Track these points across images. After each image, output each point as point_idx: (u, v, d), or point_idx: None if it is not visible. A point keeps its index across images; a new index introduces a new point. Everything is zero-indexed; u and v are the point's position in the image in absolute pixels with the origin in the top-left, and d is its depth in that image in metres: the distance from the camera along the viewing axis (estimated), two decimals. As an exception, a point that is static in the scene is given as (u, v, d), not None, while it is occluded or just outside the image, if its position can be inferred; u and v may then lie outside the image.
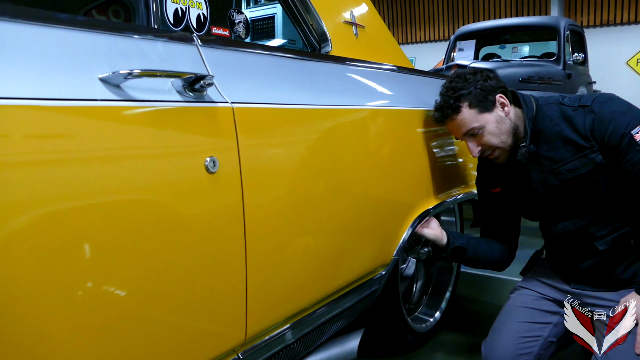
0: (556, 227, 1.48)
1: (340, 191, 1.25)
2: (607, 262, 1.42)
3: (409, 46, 11.00)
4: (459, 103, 1.41)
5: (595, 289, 1.46)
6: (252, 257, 0.97)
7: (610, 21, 9.07)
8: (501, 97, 1.43)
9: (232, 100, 0.95)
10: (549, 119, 1.41)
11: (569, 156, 1.38)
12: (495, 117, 1.41)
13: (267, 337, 1.09)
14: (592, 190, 1.38)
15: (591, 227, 1.42)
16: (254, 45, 1.17)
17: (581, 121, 1.35)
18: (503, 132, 1.42)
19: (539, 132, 1.42)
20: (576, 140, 1.36)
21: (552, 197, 1.44)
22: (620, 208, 1.39)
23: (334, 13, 1.55)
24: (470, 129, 1.41)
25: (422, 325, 1.88)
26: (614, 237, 1.39)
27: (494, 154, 1.45)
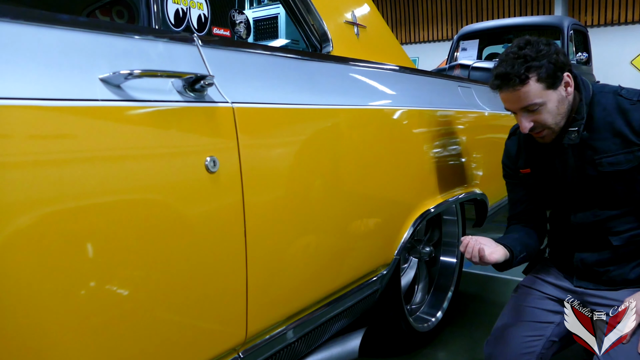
0: (575, 216, 1.44)
1: (341, 191, 1.25)
2: (616, 259, 1.41)
3: (412, 46, 10.99)
4: (528, 74, 1.27)
5: (598, 288, 1.45)
6: (253, 256, 0.98)
7: (614, 21, 9.04)
8: (568, 76, 1.34)
9: (233, 100, 0.96)
10: (602, 107, 1.36)
11: (614, 149, 1.33)
12: (558, 96, 1.32)
13: (268, 336, 1.09)
14: (627, 187, 1.35)
15: (611, 222, 1.39)
16: (254, 45, 1.18)
17: (637, 116, 1.31)
18: (560, 113, 1.34)
19: (590, 119, 1.36)
20: (626, 134, 1.32)
21: (585, 187, 1.40)
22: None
23: (335, 13, 1.55)
24: (532, 104, 1.30)
25: (424, 325, 1.88)
26: (630, 235, 1.38)
27: (542, 133, 1.36)
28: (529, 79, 1.28)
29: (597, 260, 1.43)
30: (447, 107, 1.82)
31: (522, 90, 1.29)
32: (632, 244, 1.38)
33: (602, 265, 1.43)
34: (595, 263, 1.43)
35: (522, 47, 1.30)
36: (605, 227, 1.40)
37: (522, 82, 1.28)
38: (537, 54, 1.28)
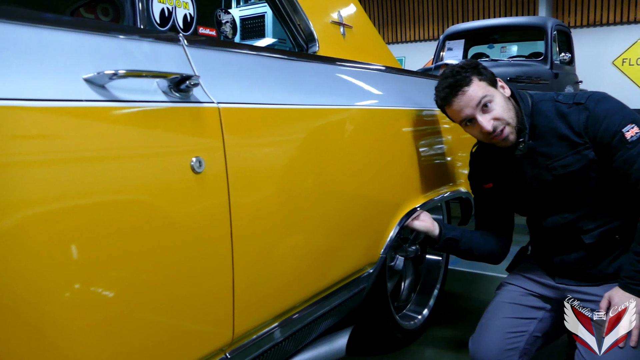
0: (546, 221, 1.50)
1: (327, 190, 1.26)
2: (592, 256, 1.45)
3: (398, 45, 11.04)
4: (470, 76, 1.40)
5: (579, 284, 1.49)
6: (239, 256, 0.98)
7: (597, 22, 9.17)
8: (501, 82, 1.45)
9: (219, 101, 0.96)
10: (544, 115, 1.43)
11: (563, 152, 1.40)
12: (501, 94, 1.42)
13: (255, 336, 1.10)
14: (583, 186, 1.40)
15: (580, 222, 1.44)
16: (240, 45, 1.18)
17: (575, 118, 1.37)
18: (510, 109, 1.41)
19: (535, 128, 1.44)
20: (570, 136, 1.38)
21: (545, 192, 1.46)
22: (609, 204, 1.42)
23: (321, 13, 1.55)
24: (483, 96, 1.38)
25: (410, 323, 1.90)
26: (601, 232, 1.42)
27: (504, 132, 1.41)
28: (472, 79, 1.39)
29: (575, 260, 1.47)
30: (432, 106, 1.83)
31: (470, 90, 1.39)
32: (604, 239, 1.42)
33: (581, 263, 1.47)
34: (574, 262, 1.47)
35: (455, 66, 1.44)
36: (575, 227, 1.45)
37: (467, 83, 1.39)
38: (467, 65, 1.42)
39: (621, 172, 1.33)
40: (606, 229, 1.42)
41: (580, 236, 1.44)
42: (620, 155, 1.32)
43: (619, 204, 1.41)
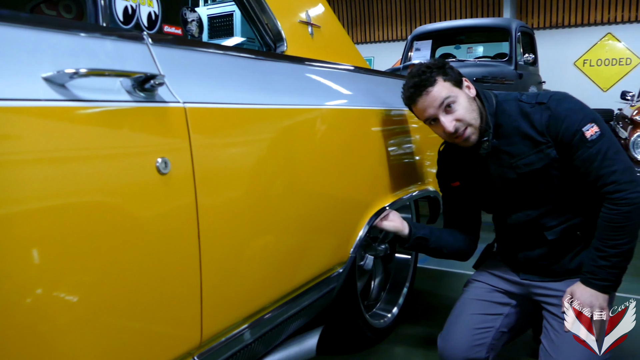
0: (510, 218, 1.53)
1: (296, 191, 1.25)
2: (555, 252, 1.49)
3: (367, 45, 11.11)
4: (435, 76, 1.42)
5: (542, 279, 1.53)
6: (207, 258, 0.96)
7: (559, 23, 9.44)
8: (466, 81, 1.47)
9: (185, 100, 0.94)
10: (507, 114, 1.46)
11: (526, 151, 1.43)
12: (465, 95, 1.44)
13: (224, 338, 1.08)
14: (546, 184, 1.44)
15: (543, 219, 1.48)
16: (207, 44, 1.16)
17: (538, 117, 1.41)
18: (474, 110, 1.44)
19: (499, 127, 1.47)
20: (533, 135, 1.42)
21: (509, 190, 1.50)
22: (570, 201, 1.46)
23: (289, 13, 1.55)
24: (446, 98, 1.41)
25: (380, 321, 1.91)
26: (562, 228, 1.46)
27: (466, 133, 1.44)
28: (435, 79, 1.42)
29: (538, 255, 1.51)
30: (401, 106, 1.85)
31: (434, 90, 1.42)
32: (565, 236, 1.47)
33: (544, 259, 1.51)
34: (538, 258, 1.51)
35: (422, 65, 1.47)
36: (538, 224, 1.49)
37: (432, 84, 1.42)
38: (433, 65, 1.45)
39: (581, 170, 1.37)
40: (568, 225, 1.46)
41: (543, 233, 1.48)
42: (580, 154, 1.35)
43: (580, 201, 1.46)
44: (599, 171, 1.34)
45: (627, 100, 4.67)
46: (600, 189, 1.36)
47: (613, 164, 1.33)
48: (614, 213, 1.34)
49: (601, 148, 1.33)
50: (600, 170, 1.34)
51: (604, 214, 1.36)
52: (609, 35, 9.21)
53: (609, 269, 1.37)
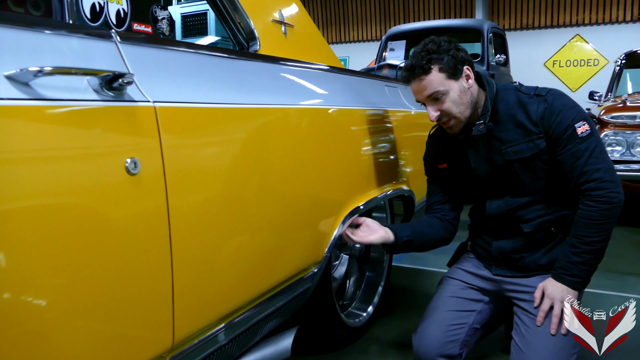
0: (490, 207, 1.56)
1: (270, 190, 1.25)
2: (528, 246, 1.52)
3: (342, 45, 11.14)
4: (430, 65, 1.42)
5: (514, 274, 1.56)
6: (179, 259, 0.95)
7: (530, 25, 9.64)
8: (468, 70, 1.47)
9: (155, 100, 0.93)
10: (505, 102, 1.49)
11: (517, 139, 1.46)
12: (459, 86, 1.45)
13: (198, 340, 1.07)
14: (530, 175, 1.48)
15: (521, 210, 1.51)
16: (178, 42, 1.14)
17: (534, 108, 1.44)
18: (463, 103, 1.45)
19: (495, 113, 1.49)
20: (526, 125, 1.45)
21: (495, 175, 1.53)
22: (551, 197, 1.50)
23: (262, 12, 1.54)
24: (435, 91, 1.43)
25: (355, 320, 1.92)
26: (539, 222, 1.50)
27: (449, 123, 1.48)
28: (431, 69, 1.42)
29: (512, 248, 1.54)
30: (374, 106, 1.86)
31: (427, 79, 1.42)
32: (541, 230, 1.50)
33: (517, 252, 1.54)
34: (511, 250, 1.54)
35: (426, 44, 1.45)
36: (516, 215, 1.52)
37: (425, 72, 1.42)
38: (438, 48, 1.43)
39: (567, 164, 1.41)
40: (544, 220, 1.50)
41: (519, 225, 1.51)
42: (569, 149, 1.40)
43: (560, 198, 1.50)
44: (584, 167, 1.38)
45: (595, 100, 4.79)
46: (582, 185, 1.40)
47: (598, 162, 1.38)
48: (592, 210, 1.38)
49: (589, 146, 1.38)
50: (585, 167, 1.38)
51: (582, 210, 1.40)
52: (577, 36, 9.45)
53: (581, 266, 1.41)
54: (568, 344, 1.39)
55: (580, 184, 1.40)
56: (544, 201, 1.50)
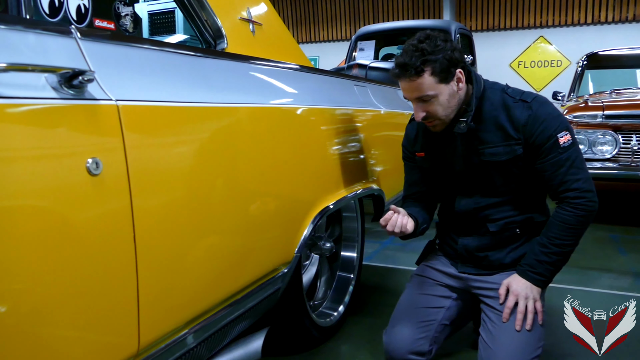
0: (459, 204, 1.57)
1: (238, 190, 1.23)
2: (493, 245, 1.55)
3: (312, 45, 11.14)
4: (423, 67, 1.37)
5: (479, 271, 1.59)
6: (144, 262, 0.93)
7: (495, 26, 9.83)
8: (460, 73, 1.44)
9: (117, 98, 0.90)
10: (490, 102, 1.48)
11: (496, 141, 1.47)
12: (449, 90, 1.42)
13: (165, 344, 1.05)
14: (503, 177, 1.49)
15: (489, 209, 1.53)
16: (142, 40, 1.12)
17: (518, 113, 1.44)
18: (451, 107, 1.45)
19: (479, 112, 1.49)
20: (507, 129, 1.45)
21: (468, 173, 1.54)
22: (519, 200, 1.53)
23: (229, 9, 1.52)
24: (425, 95, 1.41)
25: (327, 320, 1.91)
26: (505, 222, 1.52)
27: (434, 123, 1.48)
28: (424, 71, 1.38)
29: (477, 246, 1.57)
30: (343, 105, 1.87)
31: (417, 81, 1.39)
32: (506, 230, 1.53)
33: (481, 250, 1.56)
34: (476, 248, 1.57)
35: (421, 41, 1.40)
36: (483, 214, 1.55)
37: (417, 74, 1.38)
38: (434, 49, 1.38)
39: (548, 173, 1.43)
40: (510, 221, 1.52)
41: (486, 224, 1.54)
42: (551, 158, 1.42)
43: (527, 201, 1.53)
44: (565, 177, 1.41)
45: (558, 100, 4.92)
46: (561, 193, 1.43)
47: (578, 172, 1.41)
48: (570, 215, 1.41)
49: (570, 156, 1.41)
50: (565, 176, 1.41)
51: (559, 214, 1.44)
52: (541, 38, 9.69)
53: (547, 265, 1.44)
54: (533, 339, 1.43)
55: (560, 192, 1.43)
56: (511, 203, 1.53)
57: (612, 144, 3.48)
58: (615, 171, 3.42)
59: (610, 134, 3.48)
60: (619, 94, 4.18)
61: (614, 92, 4.28)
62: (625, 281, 2.56)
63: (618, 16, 9.14)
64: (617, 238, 3.43)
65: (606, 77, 5.49)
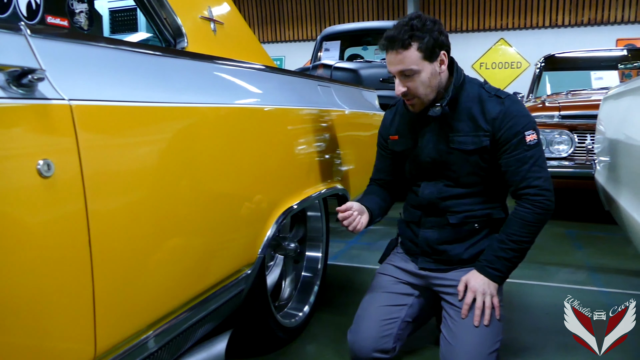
0: (424, 191, 1.62)
1: (199, 191, 1.21)
2: (453, 238, 1.59)
3: (277, 45, 11.11)
4: (410, 41, 1.44)
5: (438, 268, 1.62)
6: (100, 266, 0.90)
7: (458, 28, 10.04)
8: (444, 55, 1.50)
9: (70, 97, 0.87)
10: (467, 93, 1.55)
11: (466, 130, 1.52)
12: (432, 69, 1.48)
13: (124, 349, 1.02)
14: (468, 168, 1.54)
15: (451, 200, 1.58)
16: (97, 37, 1.08)
17: (491, 107, 1.50)
18: (431, 86, 1.50)
19: (455, 102, 1.54)
20: (479, 120, 1.51)
21: (436, 159, 1.58)
22: (480, 194, 1.57)
23: (190, 8, 1.50)
24: (408, 69, 1.46)
25: (292, 320, 1.91)
26: (465, 216, 1.57)
27: (412, 101, 1.53)
28: (410, 45, 1.44)
29: (437, 239, 1.60)
30: (307, 105, 1.87)
31: (404, 54, 1.45)
32: (465, 224, 1.58)
33: (442, 243, 1.60)
34: (437, 241, 1.61)
35: (412, 19, 1.47)
36: (445, 205, 1.59)
37: (404, 47, 1.45)
38: (422, 27, 1.45)
39: (512, 168, 1.49)
40: (470, 215, 1.57)
41: (447, 215, 1.58)
42: (517, 153, 1.48)
43: (488, 197, 1.58)
44: (527, 173, 1.47)
45: (518, 101, 5.06)
46: (522, 189, 1.49)
47: (540, 171, 1.48)
48: (528, 212, 1.47)
49: (534, 154, 1.48)
50: (528, 173, 1.47)
51: (518, 211, 1.50)
52: (502, 40, 9.95)
53: (505, 261, 1.49)
54: (491, 334, 1.46)
55: (520, 188, 1.49)
56: (473, 197, 1.58)
57: (568, 143, 3.60)
58: (571, 169, 3.54)
59: (567, 133, 3.60)
60: (575, 95, 4.33)
61: (570, 93, 4.43)
62: (581, 275, 2.65)
63: (574, 20, 9.47)
64: (573, 234, 3.56)
65: (563, 78, 5.69)
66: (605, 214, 2.36)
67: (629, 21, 9.17)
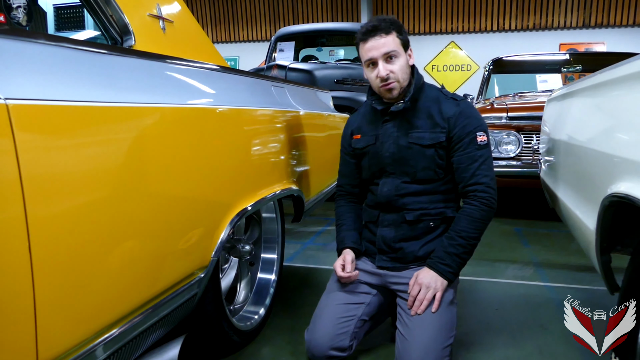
0: (382, 188, 1.69)
1: (148, 193, 1.18)
2: (409, 235, 1.64)
3: (232, 45, 11.00)
4: (392, 28, 1.61)
5: (394, 265, 1.66)
6: (41, 273, 0.86)
7: (411, 31, 10.24)
8: (410, 51, 1.69)
9: (7, 96, 0.83)
10: (426, 95, 1.68)
11: (424, 126, 1.63)
12: (406, 57, 1.65)
13: (71, 358, 0.98)
14: (424, 162, 1.63)
15: (408, 198, 1.65)
16: (35, 34, 1.03)
17: (447, 107, 1.63)
18: (406, 72, 1.65)
19: (415, 101, 1.66)
20: (436, 118, 1.62)
21: (395, 155, 1.66)
22: (435, 193, 1.65)
23: (137, 6, 1.45)
24: (393, 50, 1.60)
25: (247, 324, 1.89)
26: (420, 213, 1.64)
27: (393, 85, 1.62)
28: (391, 30, 1.62)
29: (394, 237, 1.65)
30: (260, 106, 1.85)
31: (385, 38, 1.61)
32: (421, 221, 1.64)
33: (398, 240, 1.64)
34: (393, 239, 1.65)
35: (387, 17, 1.65)
36: (402, 202, 1.65)
37: (386, 33, 1.61)
38: (394, 23, 1.62)
39: (463, 165, 1.59)
40: (425, 212, 1.63)
41: (403, 212, 1.64)
42: (468, 152, 1.59)
43: (442, 197, 1.65)
44: (476, 171, 1.58)
45: (468, 103, 5.21)
46: (470, 186, 1.59)
47: (488, 171, 1.60)
48: (475, 209, 1.57)
49: (484, 154, 1.60)
50: (477, 171, 1.58)
51: (466, 208, 1.59)
52: (452, 43, 10.22)
53: (454, 257, 1.55)
54: (445, 329, 1.50)
55: (469, 184, 1.59)
56: (428, 194, 1.65)
57: (516, 143, 3.73)
58: (518, 169, 3.67)
59: (514, 134, 3.73)
60: (522, 97, 4.49)
61: (517, 95, 4.59)
62: (528, 271, 2.75)
63: (521, 24, 9.84)
64: (521, 231, 3.69)
65: (510, 81, 5.90)
66: (551, 211, 2.46)
67: (571, 26, 9.62)
